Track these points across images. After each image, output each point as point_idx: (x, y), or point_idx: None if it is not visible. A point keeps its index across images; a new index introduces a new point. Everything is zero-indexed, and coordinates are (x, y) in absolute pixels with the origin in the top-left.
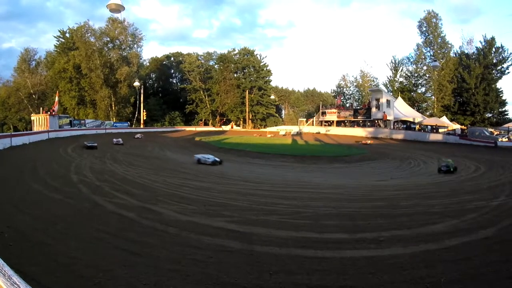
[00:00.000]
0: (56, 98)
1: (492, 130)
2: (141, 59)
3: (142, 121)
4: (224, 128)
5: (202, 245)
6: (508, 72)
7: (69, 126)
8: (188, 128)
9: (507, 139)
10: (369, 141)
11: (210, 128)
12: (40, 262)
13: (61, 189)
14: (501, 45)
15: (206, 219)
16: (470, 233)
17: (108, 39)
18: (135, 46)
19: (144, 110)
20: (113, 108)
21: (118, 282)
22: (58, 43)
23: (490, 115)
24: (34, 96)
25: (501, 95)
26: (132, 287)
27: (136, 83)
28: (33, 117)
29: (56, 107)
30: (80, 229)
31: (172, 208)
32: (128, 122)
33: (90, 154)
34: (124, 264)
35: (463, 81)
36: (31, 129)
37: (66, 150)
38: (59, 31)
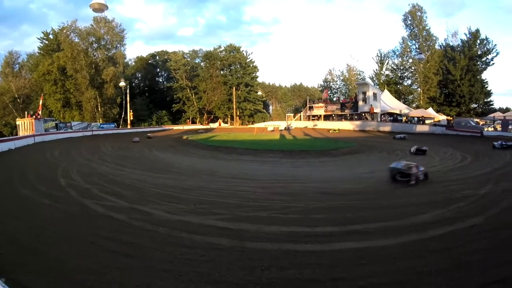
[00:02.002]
0: (41, 101)
1: (478, 120)
2: (125, 58)
3: (129, 122)
4: (212, 125)
5: (194, 244)
6: (493, 64)
7: (55, 130)
8: (175, 127)
9: (493, 129)
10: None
11: (197, 126)
12: (31, 269)
13: (50, 193)
14: (486, 37)
15: (197, 217)
16: (458, 221)
17: (94, 39)
18: (119, 45)
19: (131, 110)
20: (99, 109)
21: (111, 285)
22: (41, 45)
23: (475, 105)
24: (18, 100)
25: (486, 86)
26: None
27: (122, 83)
28: (18, 121)
29: (40, 111)
30: (70, 233)
31: (162, 208)
32: (115, 123)
33: (77, 157)
34: (116, 266)
35: (448, 73)
36: (17, 134)
37: (53, 154)
38: (43, 32)
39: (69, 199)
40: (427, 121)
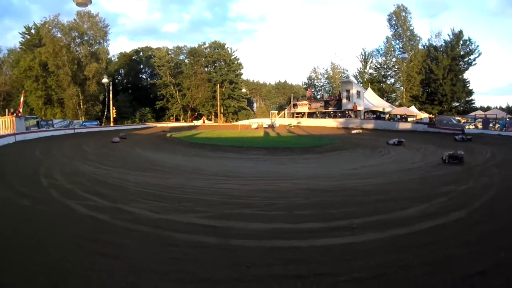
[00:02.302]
0: (22, 99)
1: (459, 118)
2: (108, 54)
3: (112, 119)
4: (196, 123)
5: (178, 243)
6: (475, 64)
7: (37, 128)
8: (159, 125)
9: (473, 127)
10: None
11: (181, 124)
12: (13, 273)
13: (30, 194)
14: (469, 38)
15: (180, 215)
16: (440, 216)
17: (77, 34)
18: (102, 41)
19: (114, 108)
20: (82, 106)
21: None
22: (23, 40)
23: (457, 104)
24: None
25: (468, 85)
26: None
27: (105, 80)
28: None
29: (21, 108)
30: (52, 235)
31: (145, 207)
32: (98, 121)
33: (59, 156)
34: (100, 268)
35: (431, 72)
36: None
37: (34, 153)
38: (25, 27)
39: (50, 199)
40: (409, 119)
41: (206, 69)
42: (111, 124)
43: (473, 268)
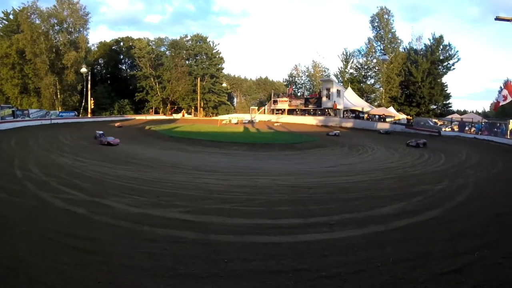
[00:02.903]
0: None
1: (436, 120)
2: (88, 43)
3: (89, 110)
4: (175, 116)
5: (156, 238)
6: (454, 68)
7: (12, 117)
8: (138, 117)
9: (450, 129)
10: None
11: (161, 117)
12: None
13: (5, 186)
14: (449, 43)
15: (159, 210)
16: (417, 214)
17: (56, 21)
18: (82, 29)
19: (92, 98)
20: (59, 96)
21: (72, 283)
22: (1, 25)
23: (434, 107)
24: None
25: (445, 89)
26: (87, 287)
27: (84, 70)
28: None
29: None
30: (27, 229)
31: (123, 201)
32: (75, 112)
33: (35, 147)
34: (77, 263)
35: (410, 74)
36: None
37: (9, 144)
38: (3, 12)
39: (26, 192)
40: (387, 119)
41: (187, 62)
42: (89, 116)
43: (448, 265)
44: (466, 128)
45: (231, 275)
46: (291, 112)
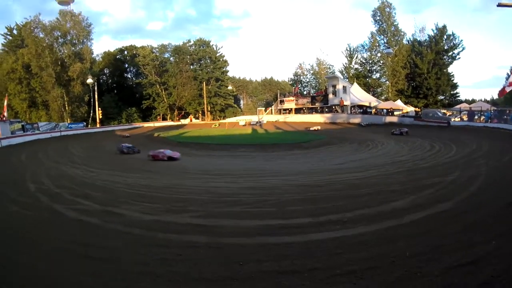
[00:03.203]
0: (5, 102)
1: (445, 111)
2: (92, 54)
3: (98, 120)
4: (183, 121)
5: (169, 243)
6: (459, 58)
7: (22, 132)
8: (146, 124)
9: (459, 119)
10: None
11: (168, 123)
12: (2, 279)
13: (18, 199)
14: (452, 32)
15: (171, 216)
16: (429, 207)
17: (59, 33)
18: (86, 40)
19: (100, 109)
20: (67, 108)
21: None
22: (5, 41)
23: (442, 97)
24: None
25: (452, 79)
26: None
27: (90, 80)
28: None
29: (6, 112)
30: (41, 240)
31: (135, 208)
32: (84, 122)
33: (46, 160)
34: (91, 272)
35: (415, 66)
36: None
37: (20, 158)
38: (6, 27)
39: (39, 204)
40: (395, 113)
41: (191, 67)
42: (98, 126)
43: (463, 257)
44: (476, 117)
45: (245, 277)
46: (298, 111)
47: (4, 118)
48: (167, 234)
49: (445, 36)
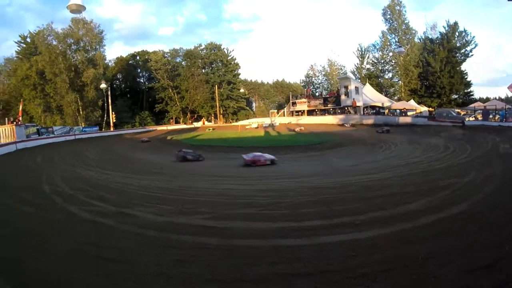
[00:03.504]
0: (21, 107)
1: (459, 110)
2: (105, 60)
3: (111, 124)
4: (196, 124)
5: (182, 245)
6: (472, 55)
7: (37, 135)
8: (159, 128)
9: (473, 118)
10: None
11: (181, 126)
12: (17, 280)
13: (33, 201)
14: (464, 29)
15: (184, 218)
16: (444, 209)
17: (72, 41)
18: (98, 46)
19: (113, 113)
20: (81, 112)
21: None
22: (19, 48)
23: (456, 96)
24: None
25: (465, 77)
26: None
27: (103, 85)
28: None
29: (21, 117)
30: (56, 241)
31: (148, 210)
32: (98, 126)
33: (61, 162)
34: (104, 273)
35: (428, 65)
36: None
37: (35, 160)
38: (20, 36)
39: (54, 206)
40: (409, 113)
41: (203, 70)
42: (111, 129)
43: (478, 260)
44: (490, 116)
45: (257, 279)
46: (310, 112)
47: (20, 123)
48: (180, 235)
49: (457, 33)
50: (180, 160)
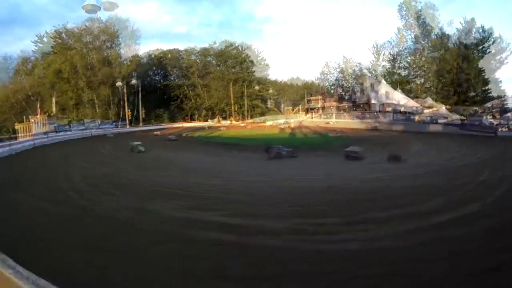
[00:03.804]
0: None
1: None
2: (120, 58)
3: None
4: (211, 122)
5: (197, 241)
6: (489, 52)
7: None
8: (175, 125)
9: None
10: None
11: (196, 124)
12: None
13: (49, 197)
14: (481, 25)
15: (200, 214)
16: (457, 209)
17: (90, 39)
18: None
19: (129, 110)
20: (97, 110)
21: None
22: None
23: (473, 93)
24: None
25: (483, 74)
26: None
27: (119, 83)
28: (17, 126)
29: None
30: (71, 236)
31: (164, 205)
32: (114, 123)
33: (77, 159)
34: (118, 268)
35: (445, 62)
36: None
37: (52, 156)
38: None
39: (70, 202)
40: (425, 111)
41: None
42: (127, 127)
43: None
44: None
45: (271, 277)
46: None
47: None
48: (195, 231)
49: (474, 29)
50: (272, 157)
